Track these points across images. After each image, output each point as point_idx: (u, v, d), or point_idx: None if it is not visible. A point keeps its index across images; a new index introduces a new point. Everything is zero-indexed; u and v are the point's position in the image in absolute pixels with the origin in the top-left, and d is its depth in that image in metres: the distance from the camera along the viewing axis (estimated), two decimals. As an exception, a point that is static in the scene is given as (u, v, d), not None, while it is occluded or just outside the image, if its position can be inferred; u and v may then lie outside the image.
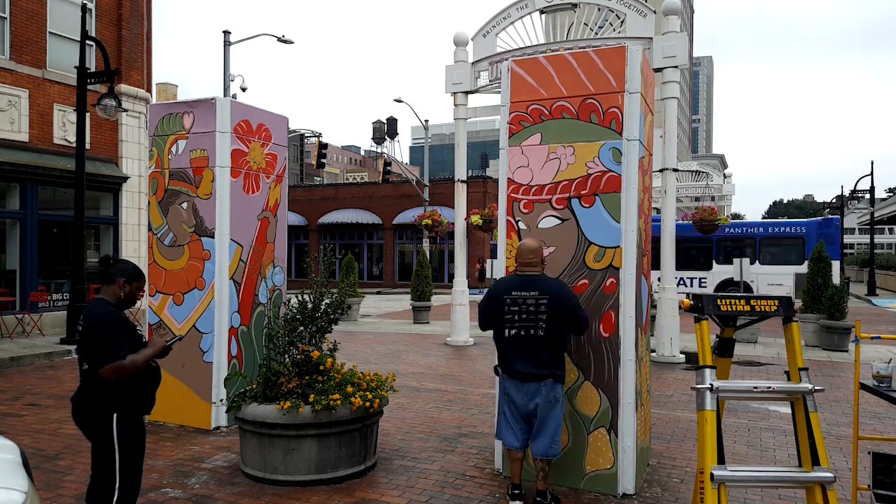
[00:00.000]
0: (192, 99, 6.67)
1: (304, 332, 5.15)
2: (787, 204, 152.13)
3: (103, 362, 3.24)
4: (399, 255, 35.78)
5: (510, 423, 4.39)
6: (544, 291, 4.25)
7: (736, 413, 7.02)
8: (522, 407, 4.29)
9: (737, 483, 3.35)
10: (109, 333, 3.27)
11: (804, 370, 3.43)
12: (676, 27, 10.38)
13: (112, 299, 3.49)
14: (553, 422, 4.26)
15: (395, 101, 29.92)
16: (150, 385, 3.51)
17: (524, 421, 4.35)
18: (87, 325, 3.34)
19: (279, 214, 7.12)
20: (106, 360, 3.24)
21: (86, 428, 3.42)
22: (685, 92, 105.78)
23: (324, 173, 67.98)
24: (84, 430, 3.44)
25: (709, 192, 27.23)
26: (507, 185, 5.09)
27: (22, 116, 13.15)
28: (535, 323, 4.21)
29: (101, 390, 3.34)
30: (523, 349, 4.24)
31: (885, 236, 75.80)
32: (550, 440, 4.25)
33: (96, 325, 3.30)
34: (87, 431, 3.42)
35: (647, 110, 5.06)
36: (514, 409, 4.35)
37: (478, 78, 12.03)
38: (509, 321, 4.28)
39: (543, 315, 4.20)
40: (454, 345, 12.49)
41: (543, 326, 4.19)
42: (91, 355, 3.31)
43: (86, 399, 3.39)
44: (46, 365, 10.16)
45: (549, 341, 4.22)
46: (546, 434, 4.26)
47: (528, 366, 4.23)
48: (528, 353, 4.23)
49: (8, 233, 13.25)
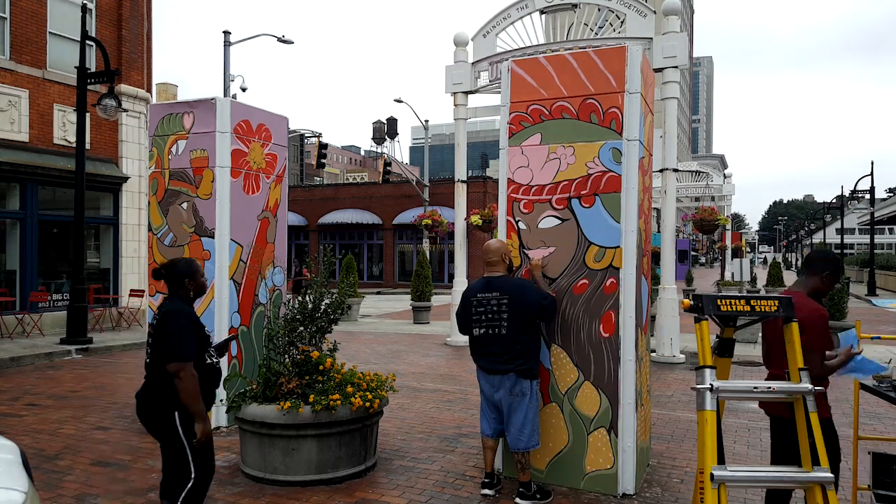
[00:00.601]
0: (192, 99, 6.67)
1: (304, 332, 5.15)
2: (787, 204, 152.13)
3: (172, 357, 3.35)
4: (399, 256, 35.76)
5: (484, 412, 4.68)
6: (504, 291, 4.47)
7: (736, 413, 7.02)
8: (490, 397, 4.57)
9: (737, 483, 3.35)
10: (181, 328, 3.40)
11: (804, 370, 3.42)
12: (676, 27, 10.38)
13: (185, 300, 3.65)
14: (519, 414, 4.45)
15: (395, 101, 29.91)
16: (210, 384, 3.63)
17: (495, 410, 4.61)
18: (161, 318, 3.47)
19: (279, 214, 7.12)
20: (175, 356, 3.35)
21: (150, 425, 3.53)
22: (685, 92, 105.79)
23: (324, 173, 67.99)
24: (149, 428, 3.55)
25: (709, 193, 27.20)
26: (507, 185, 5.09)
27: (22, 116, 13.15)
28: (498, 322, 4.45)
29: (164, 387, 3.42)
30: (489, 346, 4.49)
31: (885, 236, 75.84)
32: (518, 432, 4.45)
33: (171, 318, 3.44)
34: (153, 429, 3.53)
35: (647, 110, 5.06)
36: (484, 398, 4.66)
37: (478, 78, 12.03)
38: (476, 321, 4.54)
39: (505, 314, 4.43)
40: (454, 345, 12.49)
41: (506, 325, 4.43)
42: (160, 348, 3.42)
43: (149, 396, 3.50)
44: (46, 365, 10.16)
45: (513, 339, 4.42)
46: (514, 425, 4.47)
47: (493, 361, 4.49)
48: (492, 350, 4.48)
49: (8, 233, 13.25)
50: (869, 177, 30.74)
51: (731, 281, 22.49)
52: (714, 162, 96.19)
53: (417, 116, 29.82)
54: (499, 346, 4.44)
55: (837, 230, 44.27)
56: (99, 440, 5.99)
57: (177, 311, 3.49)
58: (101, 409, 7.21)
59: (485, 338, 4.51)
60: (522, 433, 4.44)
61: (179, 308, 3.53)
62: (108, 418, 6.79)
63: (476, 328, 4.54)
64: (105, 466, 5.26)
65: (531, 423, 4.48)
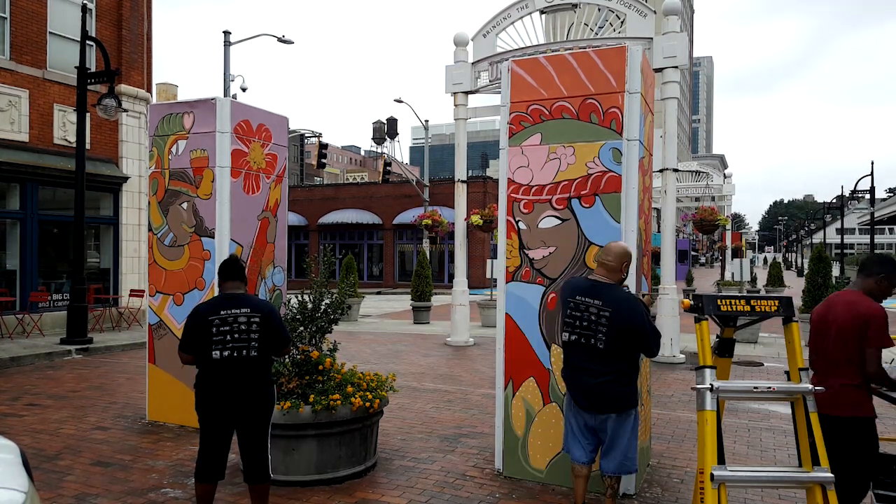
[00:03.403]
0: (193, 99, 6.67)
1: (304, 332, 5.15)
2: (787, 204, 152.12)
3: (289, 341, 4.05)
4: (399, 256, 35.76)
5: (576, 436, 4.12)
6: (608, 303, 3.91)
7: (736, 413, 7.02)
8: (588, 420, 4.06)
9: (737, 483, 3.35)
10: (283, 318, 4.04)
11: (804, 370, 3.43)
12: (676, 27, 10.38)
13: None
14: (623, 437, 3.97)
15: (395, 101, 29.91)
16: None
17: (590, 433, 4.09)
18: (265, 313, 3.88)
19: (279, 214, 7.11)
20: (289, 339, 4.06)
21: (262, 409, 3.91)
22: (685, 92, 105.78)
23: (324, 173, 67.98)
24: (256, 413, 3.89)
25: (709, 192, 27.20)
26: (507, 185, 5.09)
27: (22, 116, 13.15)
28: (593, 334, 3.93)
29: (268, 372, 3.98)
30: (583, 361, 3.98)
31: (885, 236, 75.82)
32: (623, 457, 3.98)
33: (276, 311, 3.97)
34: (262, 412, 3.92)
35: (647, 110, 5.06)
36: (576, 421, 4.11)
37: (478, 78, 12.02)
38: (568, 325, 4.03)
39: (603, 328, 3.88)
40: (454, 345, 12.49)
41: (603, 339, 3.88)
42: (276, 338, 3.92)
43: (261, 383, 3.90)
44: (46, 365, 10.16)
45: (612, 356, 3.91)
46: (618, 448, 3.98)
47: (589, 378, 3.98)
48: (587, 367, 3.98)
49: (8, 233, 13.24)
50: (869, 177, 30.75)
51: (731, 281, 22.49)
52: (714, 162, 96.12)
53: (417, 116, 29.84)
54: (595, 362, 3.89)
55: (837, 230, 44.28)
56: (99, 440, 5.99)
57: (273, 306, 4.11)
58: (101, 409, 7.21)
59: (576, 346, 3.97)
60: (627, 457, 3.95)
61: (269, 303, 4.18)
62: (108, 418, 6.79)
63: (567, 332, 4.01)
64: (105, 466, 5.26)
65: (636, 444, 4.03)
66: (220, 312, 3.81)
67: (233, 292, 3.95)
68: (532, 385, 4.90)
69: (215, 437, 3.88)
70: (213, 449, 3.89)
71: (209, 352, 3.78)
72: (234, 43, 21.82)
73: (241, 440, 3.95)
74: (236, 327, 3.80)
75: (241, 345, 3.80)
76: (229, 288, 3.97)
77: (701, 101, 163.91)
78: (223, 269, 4.01)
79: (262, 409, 3.93)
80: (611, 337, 3.84)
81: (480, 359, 10.89)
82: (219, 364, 3.78)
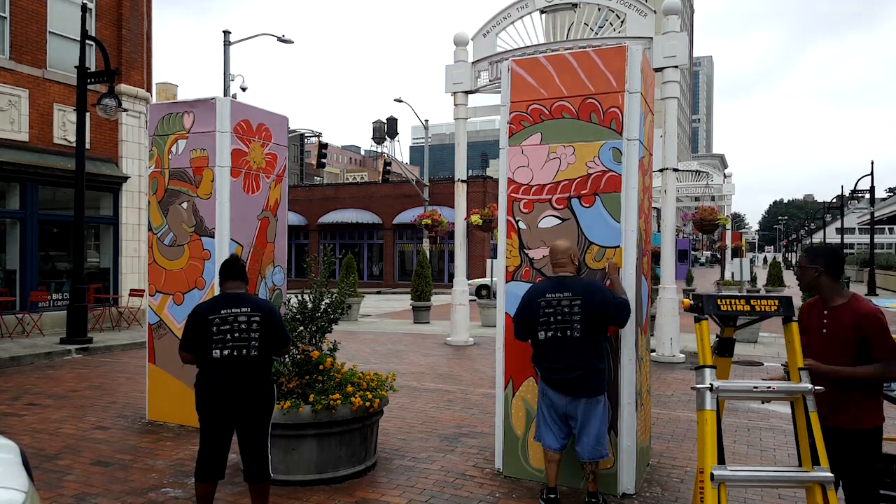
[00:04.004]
0: (193, 99, 6.67)
1: (304, 331, 5.15)
2: (787, 204, 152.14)
3: (289, 341, 4.08)
4: (399, 255, 35.76)
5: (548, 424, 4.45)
6: (576, 292, 4.26)
7: (736, 413, 7.02)
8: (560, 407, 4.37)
9: (737, 483, 3.35)
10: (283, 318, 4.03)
11: (804, 370, 3.42)
12: (676, 27, 10.38)
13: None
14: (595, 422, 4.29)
15: (395, 101, 29.91)
16: None
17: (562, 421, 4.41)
18: (265, 313, 3.90)
19: (279, 214, 7.11)
20: (289, 339, 4.11)
21: (262, 408, 3.93)
22: (685, 92, 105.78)
23: (324, 173, 67.97)
24: (256, 412, 3.90)
25: (709, 192, 27.18)
26: (507, 185, 5.09)
27: (22, 116, 13.15)
28: (569, 325, 4.23)
29: (268, 371, 4.00)
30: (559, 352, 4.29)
31: (885, 236, 75.80)
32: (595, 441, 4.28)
33: (276, 311, 4.00)
34: (262, 411, 3.94)
35: (647, 110, 5.06)
36: (548, 409, 4.45)
37: (478, 78, 12.02)
38: (544, 324, 4.29)
39: (577, 316, 4.22)
40: (454, 344, 12.49)
41: (578, 328, 4.23)
42: (276, 338, 3.94)
43: (261, 382, 3.92)
44: (46, 365, 10.16)
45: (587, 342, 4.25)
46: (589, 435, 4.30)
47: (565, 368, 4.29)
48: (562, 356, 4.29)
49: (8, 233, 13.24)
50: (869, 176, 30.75)
51: (731, 281, 22.48)
52: (714, 162, 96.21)
53: (417, 116, 29.83)
54: (571, 351, 4.21)
55: (837, 230, 44.27)
56: (99, 440, 5.99)
57: (273, 306, 4.12)
58: (101, 408, 7.21)
59: (553, 342, 4.26)
60: (600, 443, 4.24)
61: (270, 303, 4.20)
62: (108, 418, 6.79)
63: (542, 331, 4.28)
64: (105, 466, 5.26)
65: (605, 430, 4.32)
66: (220, 312, 3.82)
67: (233, 292, 3.95)
68: (532, 385, 4.89)
69: (215, 437, 3.88)
70: (214, 448, 3.89)
71: (209, 351, 3.78)
72: (234, 43, 21.81)
73: (241, 440, 3.95)
74: (237, 326, 3.80)
75: (241, 344, 3.80)
76: (230, 287, 3.97)
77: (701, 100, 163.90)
78: (224, 269, 4.02)
79: (263, 408, 3.94)
80: (586, 323, 4.19)
81: (480, 358, 10.89)
82: (219, 363, 3.78)
